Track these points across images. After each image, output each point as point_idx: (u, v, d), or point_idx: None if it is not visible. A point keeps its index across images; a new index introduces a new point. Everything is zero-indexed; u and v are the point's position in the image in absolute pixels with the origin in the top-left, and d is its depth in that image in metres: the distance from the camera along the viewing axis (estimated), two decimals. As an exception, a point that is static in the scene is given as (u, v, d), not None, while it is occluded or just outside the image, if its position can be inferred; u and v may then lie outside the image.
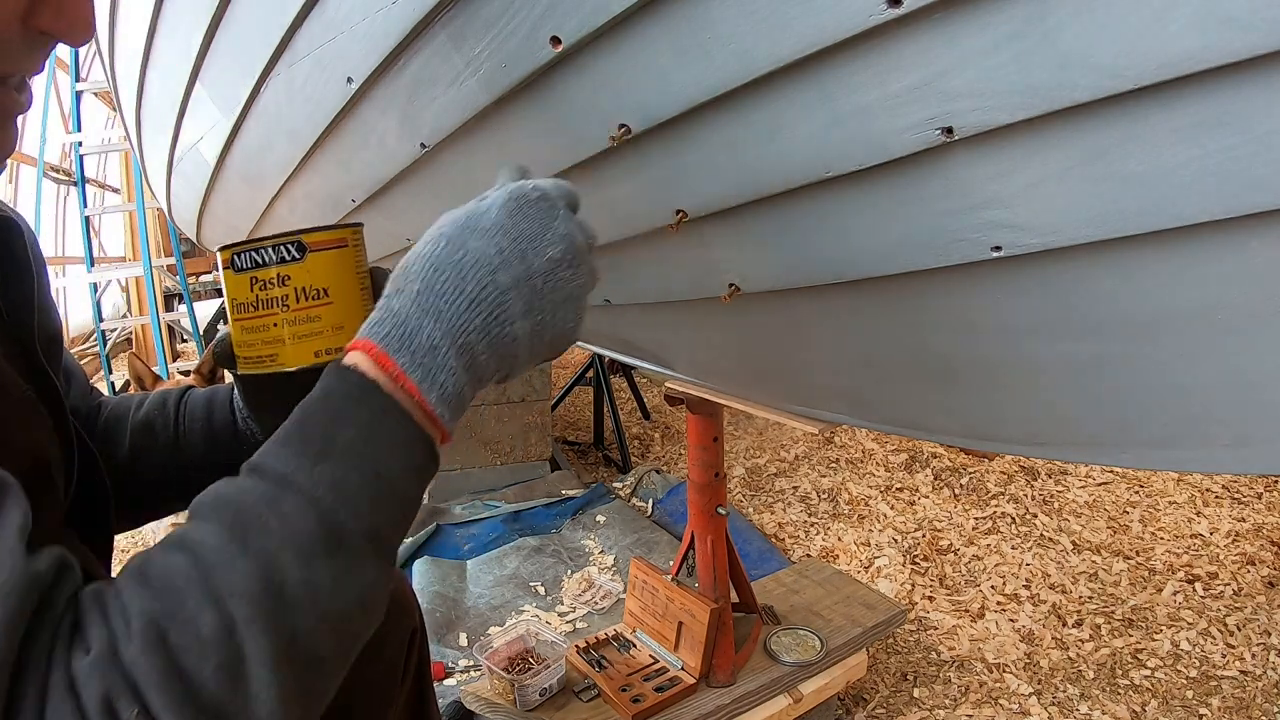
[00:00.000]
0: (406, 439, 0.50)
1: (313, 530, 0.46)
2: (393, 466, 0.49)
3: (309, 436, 0.49)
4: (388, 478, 0.49)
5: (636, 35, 0.63)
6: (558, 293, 0.55)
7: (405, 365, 0.51)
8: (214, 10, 0.98)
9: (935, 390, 0.82)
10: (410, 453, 0.51)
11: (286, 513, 0.46)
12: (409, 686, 1.01)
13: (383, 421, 0.50)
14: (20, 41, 0.50)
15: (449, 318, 0.52)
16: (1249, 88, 0.43)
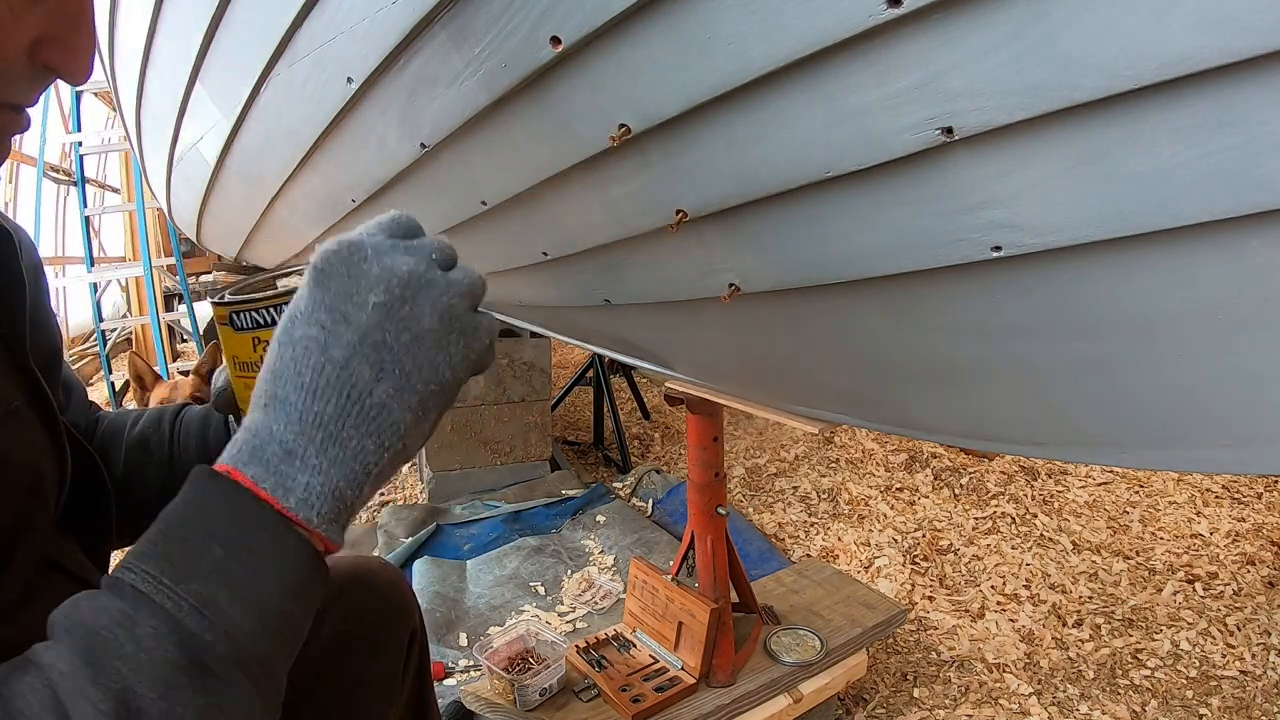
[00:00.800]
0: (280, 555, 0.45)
1: (173, 657, 0.41)
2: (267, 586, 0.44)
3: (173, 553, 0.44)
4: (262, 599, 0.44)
5: (636, 35, 0.63)
6: (405, 334, 0.48)
7: (257, 476, 0.46)
8: (214, 10, 0.98)
9: (935, 390, 0.82)
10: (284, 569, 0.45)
11: (142, 637, 0.41)
12: (409, 686, 1.02)
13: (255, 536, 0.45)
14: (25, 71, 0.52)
15: (297, 415, 0.47)
16: (1249, 88, 0.43)
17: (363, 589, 0.95)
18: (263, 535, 0.45)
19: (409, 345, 0.48)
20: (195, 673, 0.41)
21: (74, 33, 0.52)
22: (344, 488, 0.47)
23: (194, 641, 0.42)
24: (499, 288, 1.25)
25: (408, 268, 0.48)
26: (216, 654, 0.42)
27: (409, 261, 0.49)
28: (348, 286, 0.48)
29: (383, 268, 0.48)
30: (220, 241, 2.13)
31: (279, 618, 0.45)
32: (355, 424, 0.47)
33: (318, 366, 0.47)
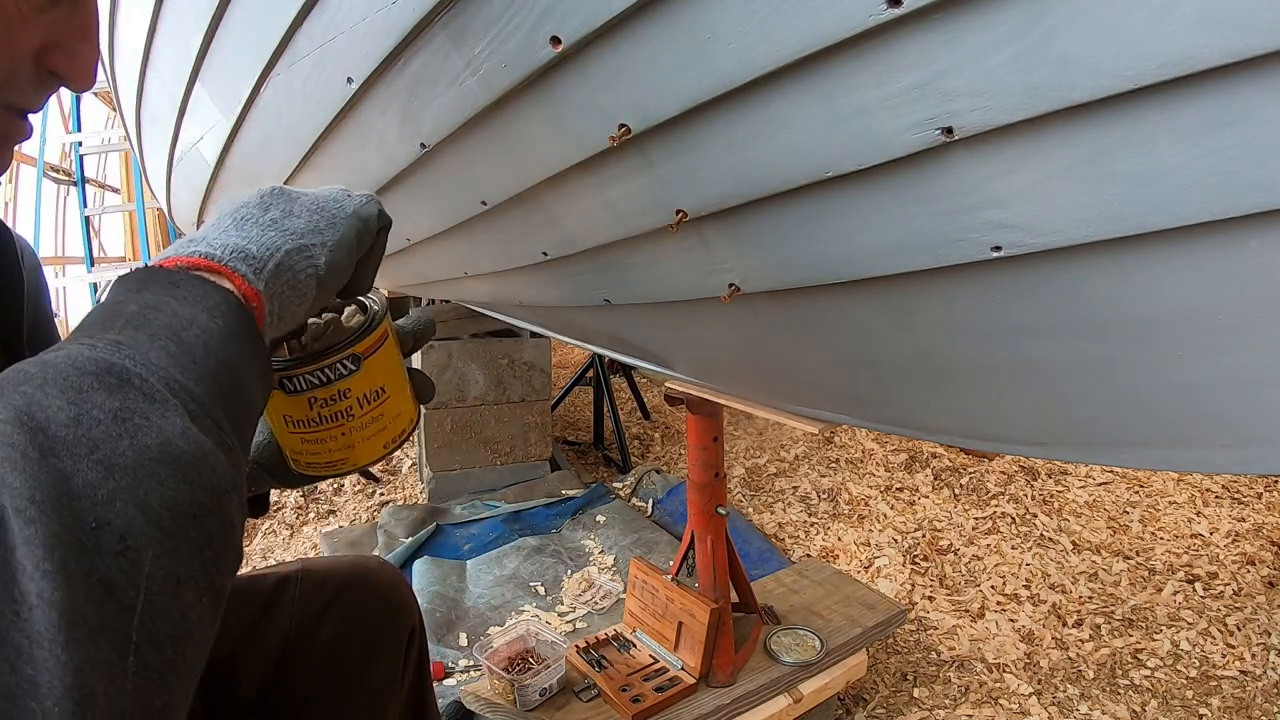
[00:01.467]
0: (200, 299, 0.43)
1: (84, 367, 0.36)
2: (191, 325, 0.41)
3: (86, 323, 0.41)
4: (186, 335, 0.41)
5: (636, 35, 0.63)
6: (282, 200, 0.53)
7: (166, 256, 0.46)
8: (214, 10, 0.98)
9: (935, 390, 0.82)
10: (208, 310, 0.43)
11: (49, 360, 0.36)
12: (409, 686, 1.02)
13: (171, 291, 0.43)
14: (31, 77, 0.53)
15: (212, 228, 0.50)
16: (1249, 88, 0.43)
17: (362, 589, 0.95)
18: (177, 290, 0.43)
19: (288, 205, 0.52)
20: (109, 380, 0.36)
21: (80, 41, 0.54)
22: (249, 249, 0.48)
23: (108, 363, 0.37)
24: (499, 288, 1.25)
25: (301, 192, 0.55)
26: (135, 374, 0.37)
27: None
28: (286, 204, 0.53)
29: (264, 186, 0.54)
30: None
31: (204, 350, 0.41)
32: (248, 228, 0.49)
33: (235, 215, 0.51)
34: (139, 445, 0.34)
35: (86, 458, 0.33)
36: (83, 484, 0.32)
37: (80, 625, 0.29)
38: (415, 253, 1.28)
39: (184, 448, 0.36)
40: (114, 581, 0.31)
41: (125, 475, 0.33)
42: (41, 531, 0.30)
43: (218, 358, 0.41)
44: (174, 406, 0.37)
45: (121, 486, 0.33)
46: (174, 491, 0.35)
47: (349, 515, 2.83)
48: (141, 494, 0.33)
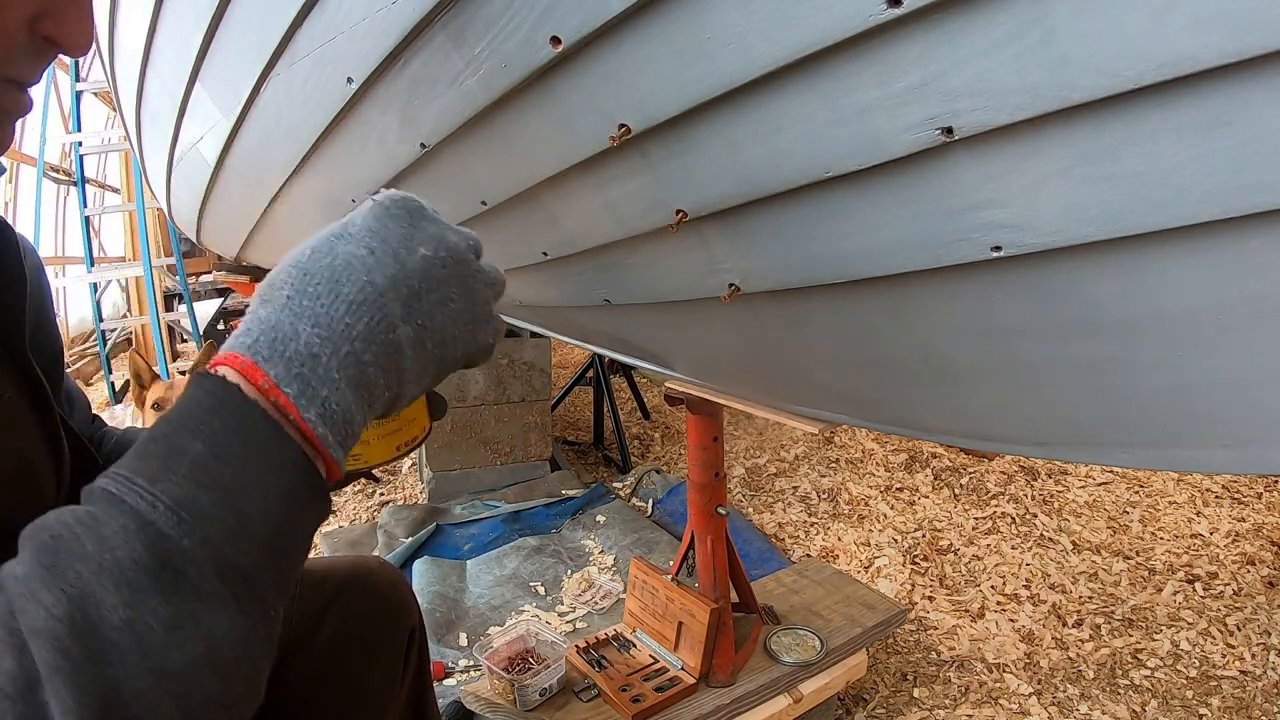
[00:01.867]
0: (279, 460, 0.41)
1: (140, 559, 0.36)
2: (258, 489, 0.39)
3: (150, 452, 0.39)
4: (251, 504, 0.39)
5: (636, 35, 0.63)
6: (434, 295, 0.48)
7: (279, 376, 0.42)
8: (214, 10, 0.98)
9: (935, 390, 0.82)
10: (284, 478, 0.40)
11: (107, 535, 0.36)
12: (409, 686, 1.02)
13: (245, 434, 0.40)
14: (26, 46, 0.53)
15: (328, 323, 0.43)
16: (1249, 88, 0.43)
17: (362, 589, 0.95)
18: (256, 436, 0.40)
19: (435, 305, 0.49)
20: (165, 577, 0.36)
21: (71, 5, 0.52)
22: (356, 421, 0.44)
23: (165, 543, 0.37)
24: (499, 288, 1.25)
25: (455, 239, 0.51)
26: (191, 558, 0.37)
27: (454, 237, 0.51)
28: (406, 231, 0.49)
29: (438, 229, 0.51)
30: (220, 241, 2.13)
31: (268, 528, 0.39)
32: (375, 351, 0.45)
33: (359, 284, 0.45)
34: (187, 654, 0.36)
35: (137, 665, 0.35)
36: (131, 691, 0.34)
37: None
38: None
39: (227, 651, 0.38)
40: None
41: (171, 681, 0.35)
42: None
43: (275, 526, 0.40)
44: (223, 601, 0.38)
45: (166, 691, 0.35)
46: (214, 690, 0.37)
47: (349, 515, 2.83)
48: (184, 694, 0.36)
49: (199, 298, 5.72)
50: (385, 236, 0.48)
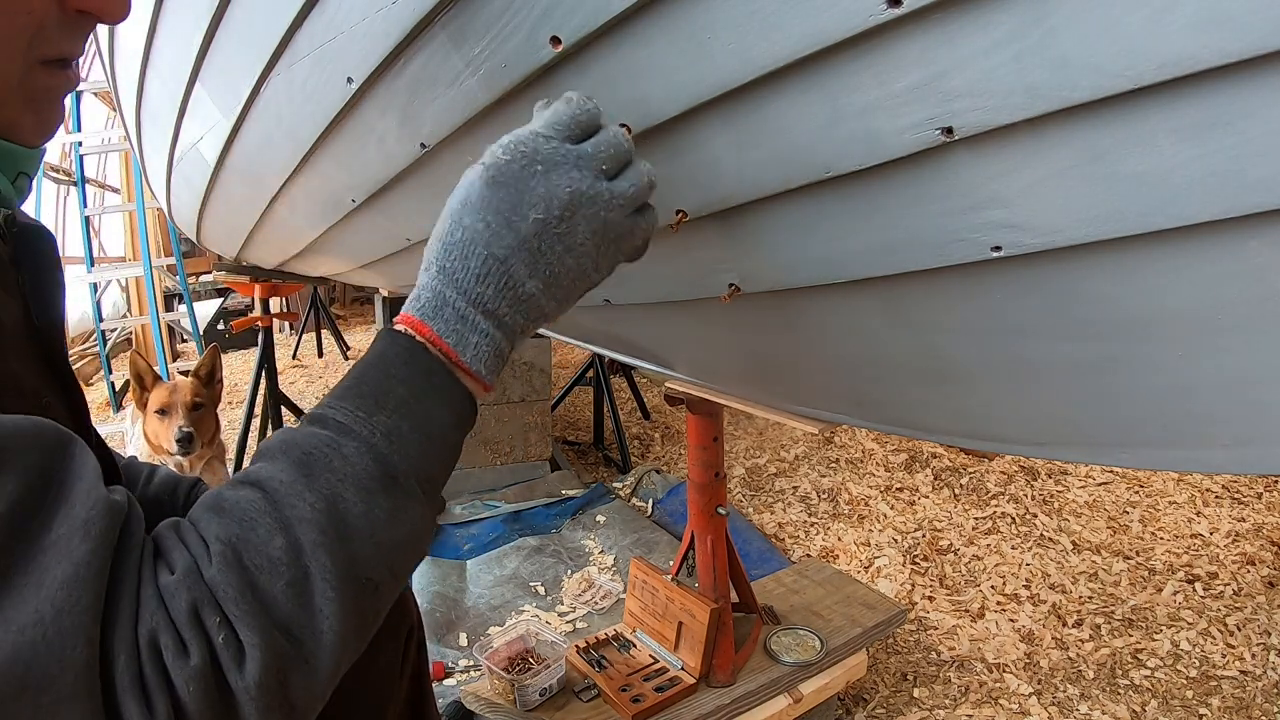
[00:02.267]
0: (450, 395, 0.56)
1: (371, 470, 0.51)
2: (438, 419, 0.55)
3: (365, 393, 0.54)
4: (434, 429, 0.55)
5: (637, 35, 0.63)
6: (558, 245, 0.57)
7: (440, 331, 0.56)
8: (214, 10, 0.98)
9: (935, 390, 0.82)
10: (453, 407, 0.56)
11: (348, 455, 0.51)
12: (408, 686, 1.01)
13: (429, 380, 0.55)
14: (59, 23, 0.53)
15: (465, 290, 0.56)
16: (1249, 88, 0.43)
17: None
18: (435, 380, 0.56)
19: (561, 255, 0.57)
20: (387, 482, 0.52)
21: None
22: (501, 346, 0.58)
23: (384, 460, 0.52)
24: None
25: (570, 189, 0.56)
26: (401, 470, 0.52)
27: (574, 178, 0.56)
28: (514, 198, 0.56)
29: (548, 187, 0.56)
30: (220, 241, 2.13)
31: (444, 446, 0.56)
32: (510, 306, 0.57)
33: (482, 256, 0.56)
34: (399, 534, 0.52)
35: (368, 541, 0.50)
36: (364, 559, 0.50)
37: (346, 639, 0.49)
38: (416, 253, 1.28)
39: (422, 531, 0.55)
40: (365, 610, 0.51)
41: (388, 552, 0.52)
42: (338, 594, 0.48)
43: (449, 445, 0.57)
44: (420, 500, 0.54)
45: (384, 559, 0.51)
46: (409, 557, 0.55)
47: (349, 515, 2.83)
48: (393, 562, 0.52)
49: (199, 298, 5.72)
50: (498, 207, 0.56)
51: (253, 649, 0.44)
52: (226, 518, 0.48)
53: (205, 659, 0.43)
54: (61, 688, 0.40)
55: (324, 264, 1.80)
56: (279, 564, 0.47)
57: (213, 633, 0.44)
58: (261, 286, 3.05)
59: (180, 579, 0.45)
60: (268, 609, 0.46)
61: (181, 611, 0.44)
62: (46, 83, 0.55)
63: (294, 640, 0.46)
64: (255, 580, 0.46)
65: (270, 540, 0.47)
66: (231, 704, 0.44)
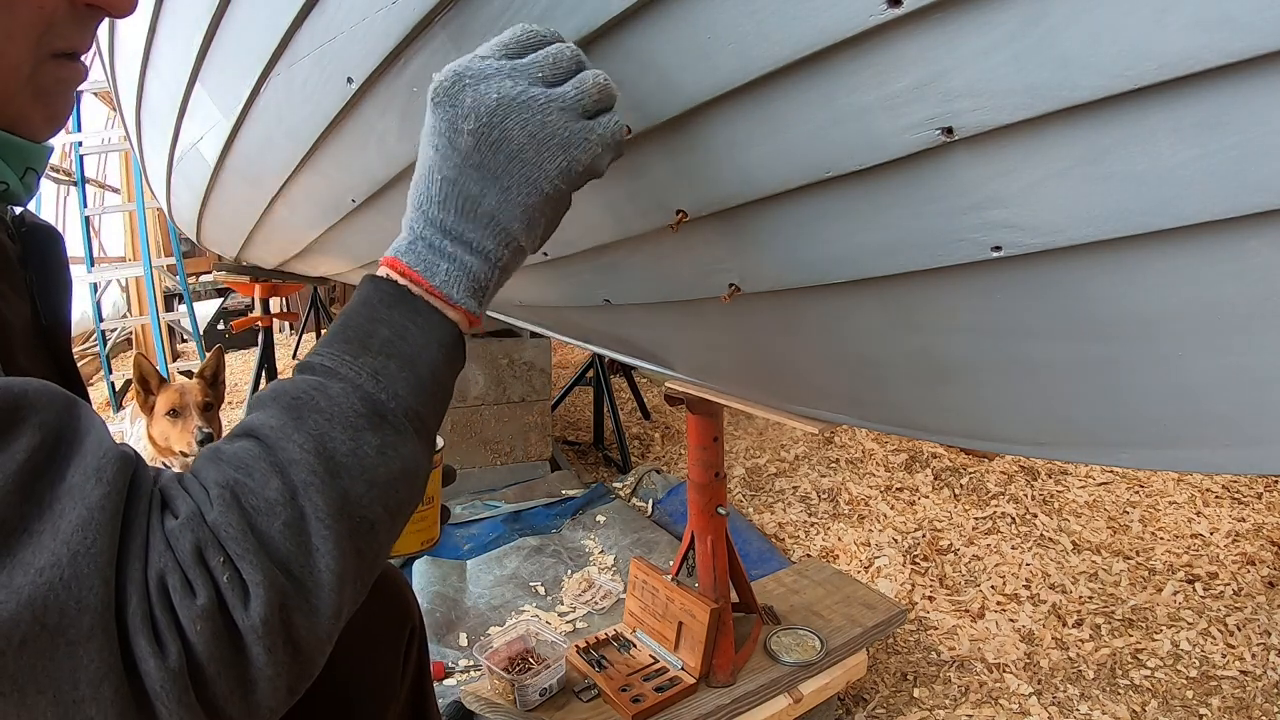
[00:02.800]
0: (433, 330, 0.57)
1: (357, 408, 0.52)
2: (424, 356, 0.56)
3: (350, 337, 0.55)
4: (420, 365, 0.56)
5: (636, 35, 0.63)
6: (499, 155, 0.56)
7: (411, 263, 0.57)
8: (214, 10, 0.98)
9: (935, 390, 0.82)
10: (439, 341, 0.57)
11: (334, 395, 0.52)
12: (408, 686, 1.02)
13: (412, 318, 0.56)
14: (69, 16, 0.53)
15: (432, 219, 0.58)
16: (1249, 88, 0.43)
17: (363, 589, 0.95)
18: (418, 317, 0.56)
19: (505, 165, 0.57)
20: (374, 420, 0.53)
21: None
22: (475, 272, 0.58)
23: (372, 399, 0.53)
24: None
25: (498, 95, 0.56)
26: (389, 408, 0.53)
27: (504, 86, 0.56)
28: (450, 115, 0.56)
29: (475, 97, 0.56)
30: (220, 241, 2.13)
31: (433, 381, 0.57)
32: (476, 227, 0.58)
33: (437, 181, 0.58)
34: (390, 470, 0.53)
35: (359, 478, 0.51)
36: (356, 496, 0.51)
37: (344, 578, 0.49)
38: (415, 253, 1.28)
39: (413, 465, 0.55)
40: (363, 550, 0.51)
41: (381, 488, 0.52)
42: (333, 531, 0.49)
43: (438, 382, 0.57)
44: (411, 434, 0.55)
45: (377, 496, 0.52)
46: (403, 495, 0.54)
47: (349, 515, 2.83)
48: (386, 499, 0.52)
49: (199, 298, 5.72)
50: (441, 129, 0.57)
51: (256, 587, 0.46)
52: (225, 464, 0.50)
53: (211, 598, 0.45)
54: (80, 628, 0.42)
55: (324, 264, 1.80)
56: (275, 505, 0.48)
57: (217, 572, 0.45)
58: (261, 286, 3.05)
59: (184, 522, 0.47)
60: (268, 549, 0.47)
61: (187, 553, 0.45)
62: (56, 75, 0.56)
63: (294, 580, 0.47)
64: (254, 522, 0.47)
65: (267, 483, 0.48)
66: (239, 643, 0.45)
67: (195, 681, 0.44)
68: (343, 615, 0.51)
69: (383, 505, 0.52)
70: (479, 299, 0.59)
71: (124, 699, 0.42)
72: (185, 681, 0.44)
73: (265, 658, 0.46)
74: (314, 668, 0.50)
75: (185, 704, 0.44)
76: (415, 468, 0.55)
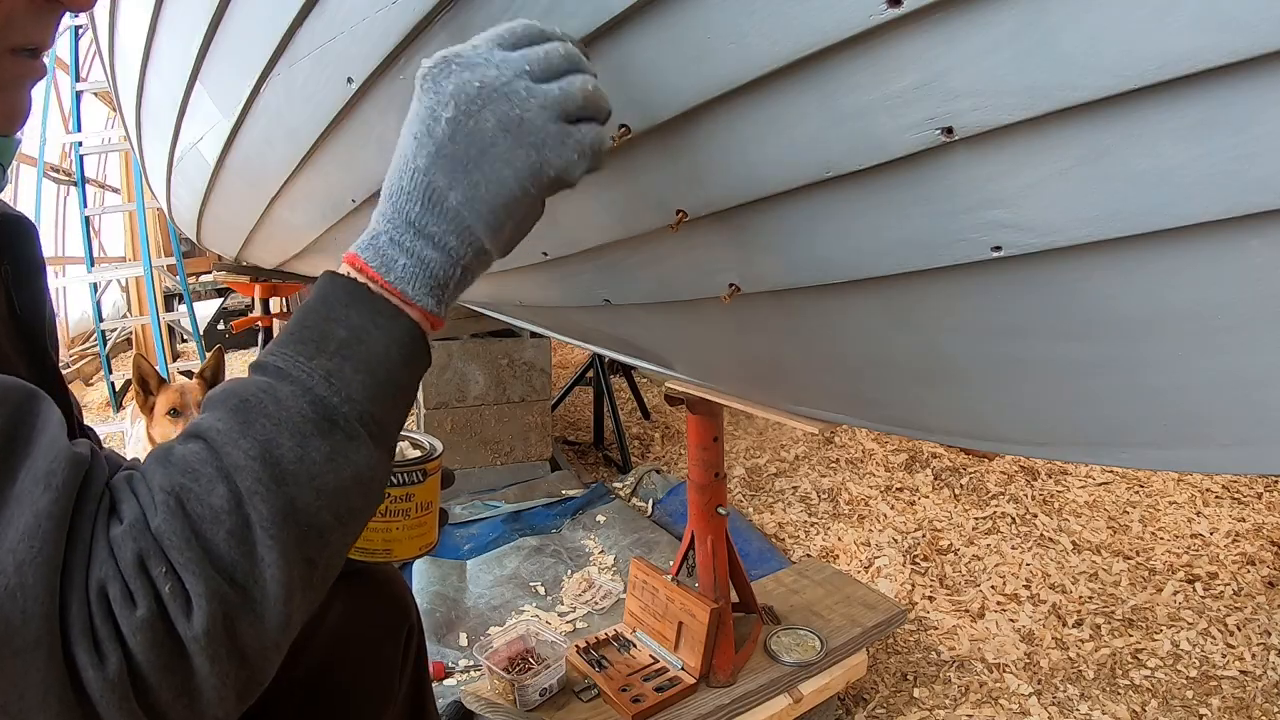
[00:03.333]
0: (392, 330, 0.54)
1: (306, 413, 0.50)
2: (381, 357, 0.53)
3: (305, 337, 0.53)
4: (378, 368, 0.53)
5: (636, 35, 0.63)
6: (472, 147, 0.53)
7: (369, 259, 0.55)
8: (214, 10, 0.98)
9: (935, 390, 0.82)
10: (398, 343, 0.54)
11: (282, 399, 0.50)
12: (407, 686, 1.02)
13: (371, 318, 0.54)
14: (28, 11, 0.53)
15: (399, 211, 0.55)
16: (1249, 88, 0.43)
17: (360, 589, 0.95)
18: (377, 317, 0.54)
19: (476, 158, 0.54)
20: (324, 426, 0.50)
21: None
22: (434, 269, 0.55)
23: (323, 404, 0.51)
24: (499, 288, 1.25)
25: (480, 82, 0.53)
26: (341, 412, 0.51)
27: (488, 75, 0.53)
28: (432, 102, 0.54)
29: (458, 84, 0.53)
30: (220, 241, 2.13)
31: (391, 384, 0.54)
32: (439, 222, 0.55)
33: (408, 172, 0.55)
34: (340, 477, 0.51)
35: (307, 485, 0.49)
36: (302, 504, 0.49)
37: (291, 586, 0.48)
38: (415, 253, 1.27)
39: (366, 472, 0.52)
40: (312, 558, 0.50)
41: (329, 496, 0.50)
42: (277, 541, 0.47)
43: (396, 384, 0.55)
44: (364, 439, 0.52)
45: (326, 504, 0.50)
46: (355, 502, 0.52)
47: (349, 515, 2.83)
48: (336, 506, 0.51)
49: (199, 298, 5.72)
50: (421, 115, 0.54)
51: (199, 598, 0.44)
52: (172, 469, 0.48)
53: (152, 609, 0.44)
54: (25, 638, 0.41)
55: (324, 264, 1.80)
56: (220, 513, 0.47)
57: (159, 582, 0.44)
58: (261, 286, 3.05)
59: (127, 529, 0.45)
60: (211, 557, 0.46)
61: (128, 562, 0.44)
62: (15, 72, 0.56)
63: (239, 589, 0.46)
64: (199, 529, 0.46)
65: (212, 489, 0.47)
66: (181, 653, 0.44)
67: (137, 689, 0.43)
68: (293, 622, 0.49)
69: (332, 513, 0.50)
70: (437, 298, 0.56)
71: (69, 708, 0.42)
72: (125, 690, 0.43)
73: (208, 667, 0.45)
74: (263, 675, 0.49)
75: (126, 711, 0.43)
76: (369, 474, 0.53)
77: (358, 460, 0.51)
